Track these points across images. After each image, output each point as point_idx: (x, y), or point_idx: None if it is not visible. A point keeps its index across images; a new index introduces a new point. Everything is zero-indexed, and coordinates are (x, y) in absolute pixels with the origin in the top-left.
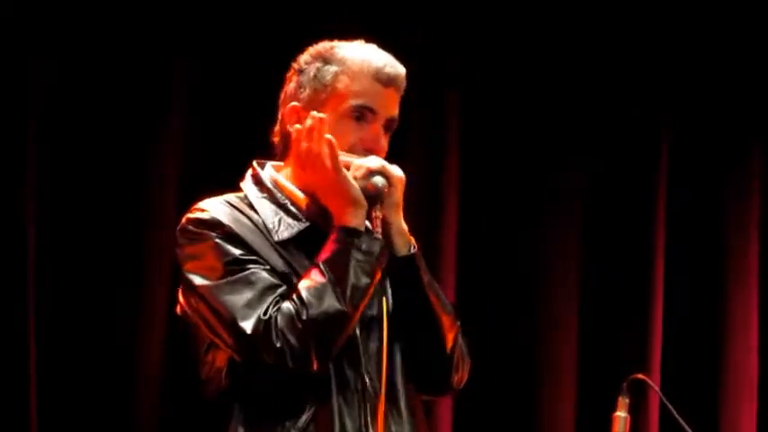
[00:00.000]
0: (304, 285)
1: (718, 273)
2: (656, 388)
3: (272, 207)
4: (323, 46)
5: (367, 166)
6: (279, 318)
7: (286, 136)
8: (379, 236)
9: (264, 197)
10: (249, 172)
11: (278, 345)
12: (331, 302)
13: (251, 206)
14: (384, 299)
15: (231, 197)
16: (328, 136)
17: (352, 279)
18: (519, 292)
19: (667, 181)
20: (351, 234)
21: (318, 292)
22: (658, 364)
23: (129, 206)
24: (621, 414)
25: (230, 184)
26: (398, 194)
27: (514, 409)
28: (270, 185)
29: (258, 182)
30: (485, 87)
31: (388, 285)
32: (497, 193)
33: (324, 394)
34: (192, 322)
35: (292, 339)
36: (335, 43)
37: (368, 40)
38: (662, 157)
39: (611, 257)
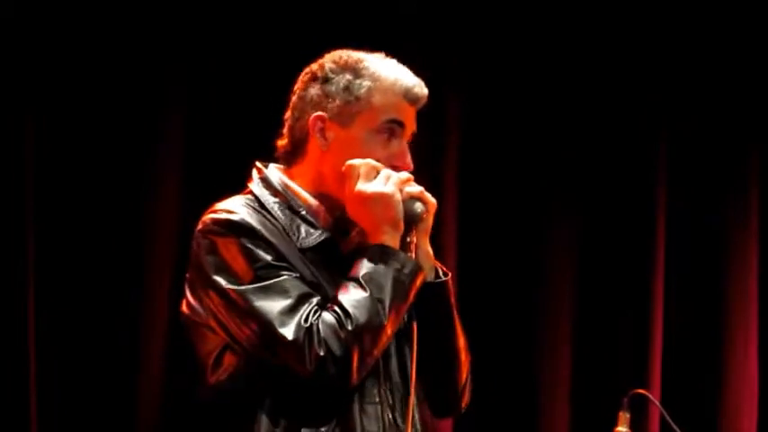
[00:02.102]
0: (345, 297)
1: (718, 283)
2: (657, 402)
3: (288, 213)
4: (348, 56)
5: (408, 191)
6: (321, 326)
7: (300, 141)
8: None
9: (278, 202)
10: (255, 174)
11: (321, 353)
12: (374, 316)
13: (265, 209)
14: (408, 318)
15: (244, 199)
16: (376, 164)
17: (391, 296)
18: (515, 302)
19: (666, 186)
20: (390, 253)
21: (362, 305)
22: (658, 377)
23: (128, 206)
24: (623, 429)
25: (230, 184)
26: (430, 221)
27: (511, 425)
28: (281, 190)
29: (268, 185)
30: (484, 90)
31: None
32: (494, 202)
33: (346, 405)
34: (201, 323)
35: (336, 348)
36: (361, 55)
37: (367, 48)
38: (660, 157)
39: (609, 267)
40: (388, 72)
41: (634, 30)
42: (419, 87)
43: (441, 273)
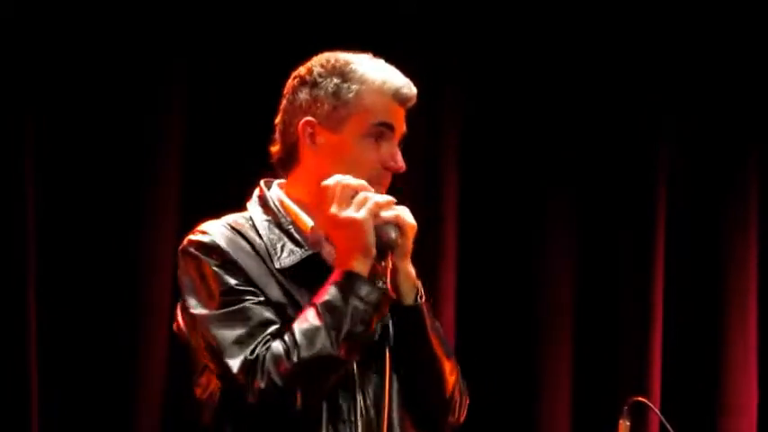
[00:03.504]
0: (298, 326)
1: (717, 283)
2: (657, 410)
3: (276, 231)
4: (336, 59)
5: (383, 216)
6: (267, 357)
7: (292, 147)
8: (384, 285)
9: (269, 220)
10: (256, 192)
11: (262, 385)
12: (323, 346)
13: (254, 228)
14: (387, 336)
15: (236, 218)
16: (360, 181)
17: (348, 325)
18: (514, 304)
19: (666, 186)
20: (353, 280)
21: (312, 335)
22: (658, 379)
23: (129, 205)
24: None
25: (231, 185)
26: (409, 243)
27: (511, 430)
28: (275, 208)
29: (264, 203)
30: (484, 90)
31: (391, 324)
32: (493, 202)
33: (313, 424)
34: (187, 342)
35: (277, 379)
36: (349, 58)
37: (368, 48)
38: (660, 157)
39: (609, 268)
40: (375, 74)
41: (634, 30)
42: (407, 87)
43: (417, 297)
